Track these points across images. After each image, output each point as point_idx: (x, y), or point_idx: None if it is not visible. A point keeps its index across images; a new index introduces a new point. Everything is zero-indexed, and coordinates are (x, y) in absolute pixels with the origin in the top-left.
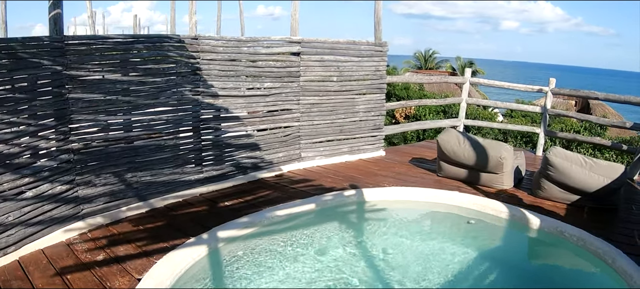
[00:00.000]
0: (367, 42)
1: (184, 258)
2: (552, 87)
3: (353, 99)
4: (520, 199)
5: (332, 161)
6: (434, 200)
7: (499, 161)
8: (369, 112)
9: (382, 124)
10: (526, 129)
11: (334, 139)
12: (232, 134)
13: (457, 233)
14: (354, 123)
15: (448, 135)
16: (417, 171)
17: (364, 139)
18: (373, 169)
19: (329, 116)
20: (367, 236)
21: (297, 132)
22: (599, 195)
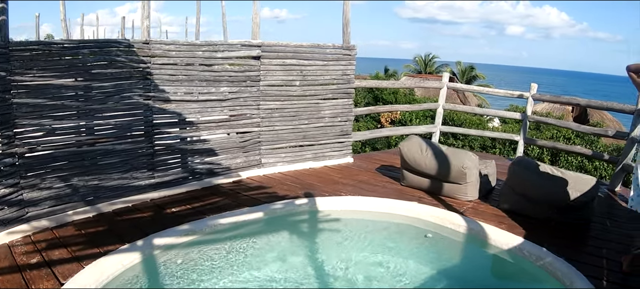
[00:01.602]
0: (333, 45)
1: (113, 264)
2: (533, 93)
3: (317, 104)
4: (484, 212)
5: (294, 167)
6: (390, 211)
7: (461, 171)
8: (335, 118)
9: (350, 130)
10: (505, 136)
11: (297, 145)
12: (185, 139)
13: (411, 247)
14: (318, 129)
15: (410, 143)
16: (381, 179)
17: (330, 145)
18: (335, 176)
19: (292, 121)
20: (312, 249)
21: (257, 137)
22: (567, 209)
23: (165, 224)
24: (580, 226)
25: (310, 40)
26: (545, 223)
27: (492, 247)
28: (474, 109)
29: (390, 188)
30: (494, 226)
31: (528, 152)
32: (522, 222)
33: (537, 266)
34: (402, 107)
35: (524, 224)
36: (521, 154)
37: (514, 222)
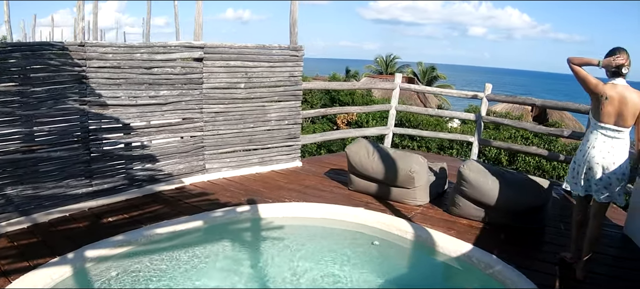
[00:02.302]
0: (280, 46)
1: (42, 278)
2: (487, 93)
3: (264, 106)
4: (433, 217)
5: (240, 172)
6: (335, 217)
7: (409, 175)
8: (282, 121)
9: (299, 133)
10: (460, 138)
11: (243, 150)
12: (124, 145)
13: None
14: (265, 132)
15: (357, 146)
16: (329, 183)
17: (278, 149)
18: (281, 182)
19: (237, 125)
20: (253, 258)
21: (201, 142)
22: (519, 214)
23: (100, 235)
24: (534, 231)
25: (274, 41)
26: (497, 229)
27: (440, 254)
28: (428, 110)
29: (337, 193)
30: (442, 232)
31: (485, 153)
32: (472, 228)
33: (487, 274)
34: (354, 108)
35: (474, 230)
36: (476, 155)
37: (463, 227)
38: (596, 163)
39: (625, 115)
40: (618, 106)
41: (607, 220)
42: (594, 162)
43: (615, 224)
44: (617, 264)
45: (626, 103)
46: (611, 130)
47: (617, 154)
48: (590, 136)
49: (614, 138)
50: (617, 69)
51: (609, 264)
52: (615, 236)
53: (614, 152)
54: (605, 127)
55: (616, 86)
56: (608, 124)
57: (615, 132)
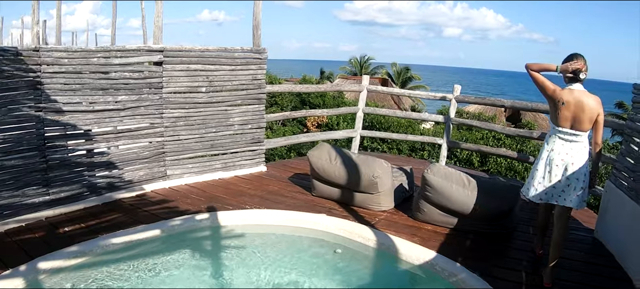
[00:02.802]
0: (242, 48)
1: None
2: (456, 95)
3: (226, 111)
4: (397, 223)
5: (203, 178)
6: (296, 224)
7: (372, 181)
8: (245, 125)
9: (263, 137)
10: (428, 140)
11: (205, 155)
12: (82, 152)
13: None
14: (228, 137)
15: (319, 151)
16: (293, 189)
17: (241, 154)
18: (244, 187)
19: (198, 130)
20: (210, 268)
21: (161, 148)
22: (485, 219)
23: (56, 246)
24: (502, 236)
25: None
26: (464, 234)
27: (403, 262)
28: (397, 113)
29: (300, 199)
30: (406, 238)
31: (457, 154)
32: (437, 234)
33: (450, 282)
34: (320, 111)
35: (439, 236)
36: (445, 157)
37: (428, 234)
38: (556, 166)
39: (582, 119)
40: (574, 110)
41: (577, 223)
42: (554, 165)
43: (586, 228)
44: (588, 269)
45: (583, 108)
46: (569, 134)
47: (576, 157)
48: (549, 140)
49: (572, 141)
50: (575, 75)
51: (579, 270)
52: (586, 240)
53: (573, 155)
54: (563, 131)
55: (573, 91)
56: (565, 128)
57: (573, 136)
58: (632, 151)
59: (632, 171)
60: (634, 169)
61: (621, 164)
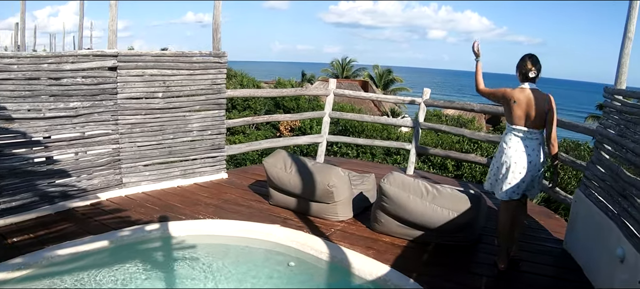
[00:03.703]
0: (201, 52)
1: None
2: (426, 98)
3: (184, 116)
4: (353, 234)
5: (161, 186)
6: (249, 235)
7: (327, 190)
8: (205, 131)
9: (223, 143)
10: (396, 145)
11: (163, 162)
12: (33, 160)
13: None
14: (186, 144)
15: (274, 158)
16: (251, 197)
17: (201, 160)
18: (200, 196)
19: (155, 136)
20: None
21: (117, 155)
22: (445, 230)
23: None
24: (464, 248)
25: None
26: (422, 247)
27: (355, 277)
28: (363, 117)
29: (256, 208)
30: (360, 251)
31: (431, 159)
32: (394, 246)
33: None
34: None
35: (396, 248)
36: (413, 163)
37: (385, 246)
38: (514, 163)
39: (535, 117)
40: (526, 108)
41: (547, 233)
42: (512, 162)
43: (556, 238)
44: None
45: (534, 106)
46: (523, 131)
47: (533, 153)
48: (506, 138)
49: (527, 139)
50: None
51: (545, 286)
52: (555, 252)
53: (529, 152)
54: (518, 129)
55: (524, 90)
56: (520, 126)
57: (527, 133)
58: (603, 158)
59: (602, 180)
60: (604, 179)
61: (591, 172)
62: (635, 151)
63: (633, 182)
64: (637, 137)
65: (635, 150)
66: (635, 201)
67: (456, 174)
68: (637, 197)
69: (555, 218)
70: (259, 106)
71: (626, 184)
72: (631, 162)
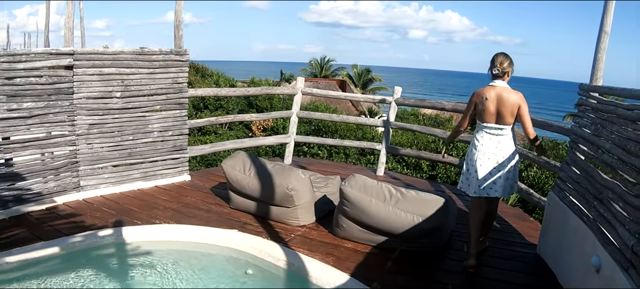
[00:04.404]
0: (161, 50)
1: None
2: (397, 97)
3: (144, 117)
4: (314, 240)
5: (120, 189)
6: (205, 241)
7: (286, 194)
8: (166, 132)
9: (186, 144)
10: (366, 146)
11: (122, 165)
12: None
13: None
14: (147, 145)
15: (233, 160)
16: (211, 200)
17: (162, 162)
18: (160, 199)
19: (114, 137)
20: None
21: (74, 157)
22: (410, 236)
23: None
24: (431, 254)
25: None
26: (386, 253)
27: (313, 285)
28: (332, 116)
29: (215, 212)
30: (320, 258)
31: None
32: (356, 253)
33: None
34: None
35: (358, 255)
36: (384, 163)
37: (347, 252)
38: (487, 159)
39: (504, 114)
40: (497, 105)
41: (520, 238)
42: (485, 159)
43: (529, 243)
44: None
45: (504, 103)
46: (494, 128)
47: (504, 149)
48: (477, 136)
49: (499, 135)
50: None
51: None
52: (528, 257)
53: (501, 148)
54: (489, 126)
55: (495, 88)
56: (491, 124)
57: (499, 130)
58: (577, 159)
59: (577, 182)
60: (579, 181)
61: (565, 174)
62: (612, 151)
63: (609, 186)
64: (613, 137)
65: (612, 151)
66: (612, 205)
67: (431, 174)
68: (613, 202)
69: (529, 220)
70: (231, 106)
71: (602, 187)
72: (607, 164)
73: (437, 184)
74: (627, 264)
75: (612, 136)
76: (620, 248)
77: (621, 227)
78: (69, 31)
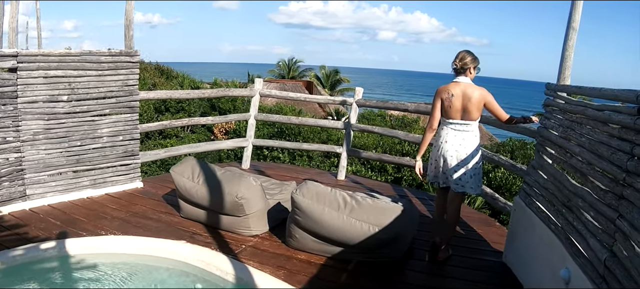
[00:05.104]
0: (110, 51)
1: None
2: (358, 99)
3: (93, 121)
4: (266, 251)
5: (69, 197)
6: (153, 253)
7: (236, 203)
8: (116, 137)
9: (137, 149)
10: (326, 149)
11: (71, 172)
12: None
13: None
14: (96, 151)
15: (182, 167)
16: (163, 209)
17: (113, 169)
18: (108, 208)
19: (61, 143)
20: None
21: (19, 165)
22: (366, 247)
23: None
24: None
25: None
26: (342, 264)
27: None
28: (291, 119)
29: (165, 221)
30: (270, 271)
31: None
32: (310, 265)
33: None
34: (204, 119)
35: (312, 267)
36: (344, 168)
37: (300, 264)
38: (450, 155)
39: (470, 109)
40: (462, 101)
41: (486, 245)
42: (448, 155)
43: (495, 250)
44: None
45: (469, 99)
46: (459, 124)
47: (468, 145)
48: (442, 132)
49: (464, 131)
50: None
51: None
52: (494, 267)
53: (465, 144)
54: (454, 122)
55: (459, 84)
56: (456, 120)
57: (464, 126)
58: (544, 163)
59: (544, 188)
60: (546, 186)
61: (532, 178)
62: (581, 155)
63: (579, 193)
64: (583, 140)
65: (581, 155)
66: (582, 214)
67: (396, 176)
68: (583, 211)
69: (495, 226)
70: (193, 108)
71: (571, 194)
72: (576, 169)
73: (401, 188)
74: (600, 279)
75: (582, 139)
76: (592, 261)
77: (592, 238)
78: (12, 32)
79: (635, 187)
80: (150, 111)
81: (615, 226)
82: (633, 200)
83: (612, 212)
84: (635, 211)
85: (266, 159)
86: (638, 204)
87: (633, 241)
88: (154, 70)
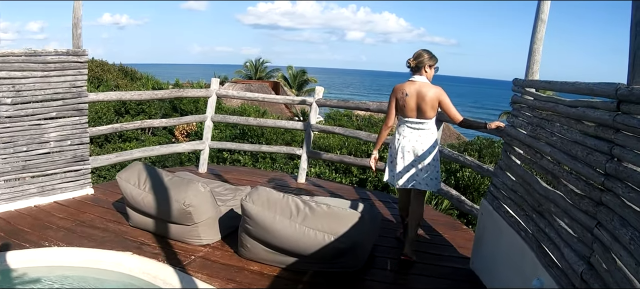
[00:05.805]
0: (57, 51)
1: None
2: (318, 98)
3: (39, 125)
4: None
5: (15, 206)
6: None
7: (183, 211)
8: (64, 141)
9: (87, 154)
10: (286, 151)
11: (16, 179)
12: None
13: None
14: (42, 156)
15: (128, 173)
16: (111, 217)
17: (61, 175)
18: (55, 217)
19: (5, 149)
20: None
21: None
22: (322, 256)
23: None
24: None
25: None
26: (297, 275)
27: None
28: (248, 120)
29: (112, 231)
30: (219, 284)
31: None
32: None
33: None
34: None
35: (265, 279)
36: (305, 169)
37: (252, 276)
38: (407, 151)
39: (424, 108)
40: (417, 100)
41: (452, 250)
42: (406, 151)
43: (462, 256)
44: None
45: (423, 98)
46: (416, 122)
47: (425, 142)
48: (399, 130)
49: (420, 129)
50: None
51: None
52: (459, 273)
53: (422, 141)
54: (410, 120)
55: (414, 83)
56: (412, 118)
57: (420, 124)
58: (512, 165)
59: (513, 191)
60: (515, 189)
61: (499, 180)
62: (553, 156)
63: (551, 197)
64: (554, 139)
65: (553, 155)
66: (555, 221)
67: (361, 178)
68: (557, 216)
69: (462, 229)
70: (153, 110)
71: (542, 198)
72: (547, 171)
73: (364, 191)
74: None
75: (553, 138)
76: (567, 272)
77: (567, 248)
78: None
79: (616, 193)
80: (110, 113)
81: (593, 236)
82: (613, 207)
83: (590, 220)
84: (616, 220)
85: (226, 162)
86: (619, 212)
87: (614, 254)
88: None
